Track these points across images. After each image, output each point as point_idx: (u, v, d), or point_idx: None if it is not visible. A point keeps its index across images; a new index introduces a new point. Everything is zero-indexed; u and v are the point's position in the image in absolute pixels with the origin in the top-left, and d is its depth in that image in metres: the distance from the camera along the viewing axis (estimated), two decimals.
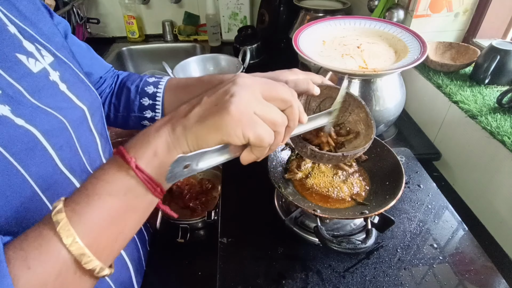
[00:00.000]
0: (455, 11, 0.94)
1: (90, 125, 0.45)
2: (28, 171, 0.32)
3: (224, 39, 1.64)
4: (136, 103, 0.59)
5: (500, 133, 0.67)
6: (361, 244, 0.48)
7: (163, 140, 0.29)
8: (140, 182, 0.29)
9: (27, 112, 0.33)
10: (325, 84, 0.53)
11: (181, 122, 0.29)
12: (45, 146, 0.35)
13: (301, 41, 0.77)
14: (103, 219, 0.27)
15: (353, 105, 0.55)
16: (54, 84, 0.39)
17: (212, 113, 0.29)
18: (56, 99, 0.38)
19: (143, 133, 0.30)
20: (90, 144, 0.45)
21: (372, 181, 0.63)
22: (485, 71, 0.81)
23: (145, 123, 0.61)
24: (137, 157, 0.28)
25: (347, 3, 1.31)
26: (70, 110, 0.40)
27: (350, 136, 0.56)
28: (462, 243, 0.58)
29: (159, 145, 0.29)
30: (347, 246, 0.47)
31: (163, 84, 0.60)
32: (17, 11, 0.39)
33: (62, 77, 0.40)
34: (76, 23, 1.43)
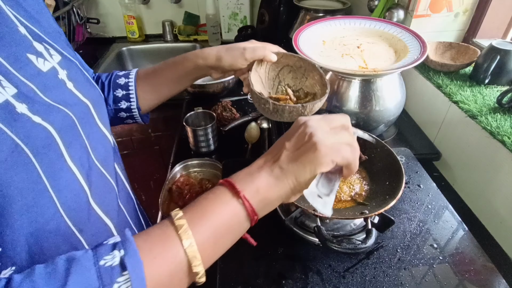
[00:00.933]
0: (455, 11, 0.94)
1: (97, 121, 0.46)
2: (42, 167, 0.33)
3: (224, 39, 1.64)
4: (110, 96, 0.61)
5: (500, 133, 0.67)
6: (361, 244, 0.48)
7: (264, 180, 0.36)
8: (244, 210, 0.34)
9: (42, 110, 0.34)
10: (281, 52, 0.58)
11: (277, 165, 0.36)
12: (58, 143, 0.35)
13: (301, 41, 0.77)
14: (212, 233, 0.33)
15: (308, 70, 0.59)
16: (62, 82, 0.40)
17: (302, 154, 0.36)
18: (65, 97, 0.39)
19: (246, 172, 0.37)
20: (99, 140, 0.45)
21: (372, 181, 0.63)
22: (485, 71, 0.81)
23: (122, 114, 0.63)
24: (244, 190, 0.34)
25: (347, 3, 1.31)
26: (77, 107, 0.41)
27: (308, 98, 0.59)
28: (462, 243, 0.58)
29: (261, 184, 0.35)
30: (347, 246, 0.47)
31: (133, 74, 0.63)
32: (24, 10, 0.40)
33: (69, 75, 0.41)
34: (76, 23, 1.43)
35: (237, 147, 0.97)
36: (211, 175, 0.87)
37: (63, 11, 1.30)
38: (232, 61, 0.57)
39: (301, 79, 0.60)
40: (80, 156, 0.39)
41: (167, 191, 0.81)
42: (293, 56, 0.59)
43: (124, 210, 0.49)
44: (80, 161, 0.38)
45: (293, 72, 0.60)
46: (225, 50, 0.58)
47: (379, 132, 0.90)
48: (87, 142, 0.41)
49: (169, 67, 0.62)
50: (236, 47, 0.57)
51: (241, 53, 0.56)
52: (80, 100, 0.42)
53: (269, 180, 0.36)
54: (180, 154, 0.95)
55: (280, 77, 0.61)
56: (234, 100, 1.17)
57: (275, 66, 0.60)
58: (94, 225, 0.40)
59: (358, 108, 0.81)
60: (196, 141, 0.92)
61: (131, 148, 1.32)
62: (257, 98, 0.52)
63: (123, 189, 0.51)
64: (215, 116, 0.94)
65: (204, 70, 0.60)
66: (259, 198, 0.35)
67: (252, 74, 0.55)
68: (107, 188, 0.45)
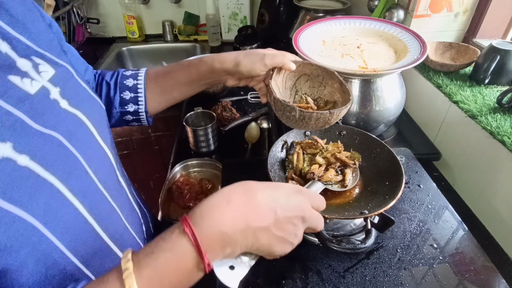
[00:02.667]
0: (455, 11, 0.94)
1: (98, 139, 0.42)
2: (33, 213, 0.29)
3: (224, 39, 1.64)
4: (116, 98, 0.57)
5: (500, 133, 0.67)
6: (361, 244, 0.48)
7: (236, 248, 0.34)
8: (203, 269, 0.32)
9: (32, 144, 0.31)
10: (298, 61, 0.57)
11: (254, 235, 0.34)
12: (50, 181, 0.32)
13: (301, 41, 0.77)
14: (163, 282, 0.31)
15: (326, 78, 0.58)
16: (54, 103, 0.36)
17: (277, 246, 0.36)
18: (58, 119, 0.35)
19: (220, 231, 0.33)
20: (101, 161, 0.42)
21: (372, 181, 0.63)
22: (485, 71, 0.81)
23: (128, 117, 0.60)
24: (212, 258, 0.32)
25: (347, 3, 1.31)
26: (73, 128, 0.37)
27: (328, 106, 0.58)
28: (462, 243, 0.58)
29: (231, 250, 0.34)
30: (347, 246, 0.47)
31: (142, 75, 0.59)
32: (9, 15, 0.35)
33: (63, 92, 0.37)
34: (76, 23, 1.43)
35: (237, 147, 0.97)
36: (211, 175, 0.87)
37: (63, 11, 1.30)
38: (251, 66, 0.54)
39: (318, 88, 0.59)
40: (81, 185, 0.36)
41: (167, 191, 0.81)
42: (310, 64, 0.57)
43: (130, 229, 0.48)
44: (81, 191, 0.35)
45: (311, 81, 0.59)
46: (244, 55, 0.55)
47: (379, 132, 0.90)
48: (87, 165, 0.38)
49: (182, 69, 0.59)
50: (255, 53, 0.55)
51: (261, 59, 0.54)
52: (77, 119, 0.38)
53: (241, 248, 0.34)
54: (180, 154, 0.94)
55: (297, 86, 0.59)
56: (234, 100, 1.17)
57: (292, 75, 0.58)
58: (101, 254, 0.39)
59: (358, 108, 0.81)
60: (196, 141, 0.92)
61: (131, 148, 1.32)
62: (282, 106, 0.51)
63: (128, 204, 0.49)
64: (215, 116, 0.94)
65: (219, 75, 0.58)
66: (222, 257, 0.34)
67: (273, 83, 0.54)
68: (111, 212, 0.43)
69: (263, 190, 0.36)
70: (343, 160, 0.59)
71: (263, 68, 0.55)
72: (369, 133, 0.66)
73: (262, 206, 0.35)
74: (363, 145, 0.66)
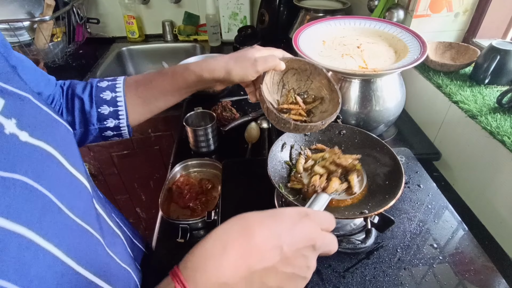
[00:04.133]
0: (455, 11, 0.94)
1: (70, 170, 0.37)
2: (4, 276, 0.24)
3: (224, 39, 1.64)
4: (93, 113, 0.52)
5: (500, 133, 0.67)
6: (361, 244, 0.48)
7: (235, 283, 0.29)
8: None
9: None
10: (286, 57, 0.58)
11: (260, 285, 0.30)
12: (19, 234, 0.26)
13: (301, 41, 0.77)
14: None
15: (314, 73, 0.59)
16: (12, 137, 0.29)
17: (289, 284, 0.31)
18: (20, 157, 0.29)
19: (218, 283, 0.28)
20: (77, 194, 0.37)
21: (372, 181, 0.63)
22: (485, 71, 0.81)
23: (108, 133, 0.55)
24: None
25: (347, 3, 1.31)
26: (38, 163, 0.31)
27: (316, 102, 0.59)
28: (462, 243, 0.58)
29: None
30: (346, 246, 0.47)
31: (120, 85, 0.54)
32: None
33: (20, 123, 0.30)
34: (76, 23, 1.43)
35: (237, 147, 0.97)
36: (211, 175, 0.87)
37: (63, 11, 1.30)
38: (243, 74, 0.52)
39: (306, 82, 0.60)
40: (56, 228, 0.31)
41: (167, 191, 0.81)
42: (298, 60, 0.58)
43: (113, 254, 0.44)
44: (56, 234, 0.30)
45: (297, 75, 0.60)
46: (234, 61, 0.52)
47: (379, 132, 0.90)
48: (61, 203, 0.33)
49: (166, 78, 0.55)
50: (246, 58, 0.52)
51: (252, 65, 0.52)
52: (43, 151, 0.32)
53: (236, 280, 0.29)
54: (180, 154, 0.94)
55: (284, 80, 0.60)
56: (234, 100, 1.17)
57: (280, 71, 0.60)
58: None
59: (358, 108, 0.81)
60: (196, 141, 0.92)
61: (131, 148, 1.32)
62: (276, 117, 0.52)
63: (108, 232, 0.45)
64: (215, 116, 0.94)
65: (208, 83, 0.55)
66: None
67: (263, 86, 0.53)
68: (92, 243, 0.38)
69: (263, 225, 0.32)
70: (345, 165, 0.58)
71: (255, 74, 0.53)
72: (369, 133, 0.66)
73: (264, 245, 0.30)
74: (363, 144, 0.66)
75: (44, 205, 0.30)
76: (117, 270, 0.44)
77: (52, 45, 1.37)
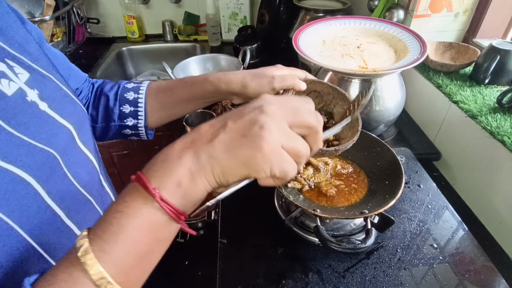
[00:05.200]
0: (455, 11, 0.94)
1: (79, 144, 0.41)
2: (15, 220, 0.29)
3: (224, 39, 1.64)
4: (116, 111, 0.56)
5: (500, 133, 0.67)
6: (361, 244, 0.48)
7: (187, 169, 0.28)
8: (165, 213, 0.27)
9: (4, 148, 0.30)
10: (309, 79, 0.55)
11: (206, 149, 0.28)
12: (29, 183, 0.31)
13: (301, 41, 0.77)
14: (133, 256, 0.27)
15: (337, 98, 0.56)
16: (33, 105, 0.34)
17: (241, 146, 0.28)
18: (36, 123, 0.34)
19: (163, 158, 0.28)
20: (82, 165, 0.41)
21: (372, 181, 0.63)
22: (485, 71, 0.81)
23: (126, 131, 0.58)
24: (161, 187, 0.27)
25: (347, 3, 1.31)
26: (53, 133, 0.36)
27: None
28: (462, 243, 0.58)
29: (183, 174, 0.28)
30: (347, 246, 0.47)
31: (144, 89, 0.57)
32: None
33: (41, 94, 0.36)
34: (76, 23, 1.43)
35: None
36: None
37: (63, 11, 1.30)
38: (259, 89, 0.52)
39: (328, 106, 0.57)
40: (60, 189, 0.35)
41: None
42: (321, 83, 0.56)
43: None
44: (59, 195, 0.34)
45: (320, 98, 0.57)
46: (252, 77, 0.53)
47: (379, 132, 0.90)
48: (67, 170, 0.37)
49: (186, 86, 0.57)
50: (264, 75, 0.53)
51: (269, 81, 0.52)
52: (59, 124, 0.37)
53: (192, 168, 0.28)
54: None
55: None
56: None
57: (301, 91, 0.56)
58: None
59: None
60: None
61: (131, 148, 1.32)
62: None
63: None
64: (215, 116, 0.94)
65: (224, 95, 0.56)
66: (182, 193, 0.28)
67: None
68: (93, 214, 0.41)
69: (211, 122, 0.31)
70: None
71: (271, 92, 0.52)
72: (369, 133, 0.66)
73: (210, 128, 0.30)
74: (363, 144, 0.66)
75: (52, 167, 0.34)
76: None
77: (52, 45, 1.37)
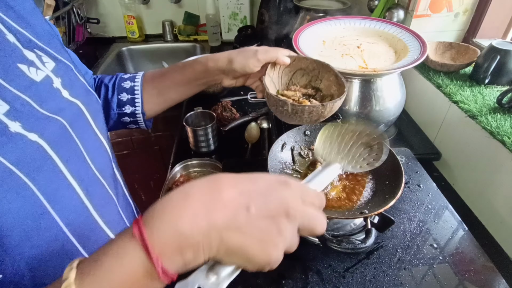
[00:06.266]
0: (455, 11, 0.94)
1: (94, 128, 0.44)
2: (40, 189, 0.31)
3: (224, 39, 1.64)
4: (114, 99, 0.59)
5: (500, 133, 0.67)
6: (361, 244, 0.48)
7: (195, 243, 0.27)
8: (158, 277, 0.26)
9: (38, 125, 0.33)
10: (293, 56, 0.57)
11: (220, 233, 0.27)
12: (55, 160, 0.34)
13: (301, 41, 0.77)
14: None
15: (322, 71, 0.58)
16: (57, 91, 0.38)
17: (254, 248, 0.28)
18: (61, 106, 0.38)
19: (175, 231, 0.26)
20: (97, 151, 0.44)
21: (372, 181, 0.63)
22: (485, 71, 0.81)
23: (125, 119, 0.61)
24: (163, 254, 0.26)
25: (347, 3, 1.31)
26: (74, 115, 0.39)
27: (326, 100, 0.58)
28: (462, 243, 0.58)
29: (189, 248, 0.27)
30: (347, 246, 0.47)
31: (139, 77, 0.61)
32: (13, 11, 0.38)
33: (63, 83, 0.39)
34: (76, 23, 1.43)
35: (237, 147, 0.97)
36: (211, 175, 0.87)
37: (63, 11, 1.30)
38: (244, 62, 0.55)
39: (315, 82, 0.59)
40: (79, 169, 0.38)
41: (167, 191, 0.81)
42: (305, 58, 0.58)
43: (124, 217, 0.48)
44: (79, 174, 0.37)
45: (306, 75, 0.59)
46: (237, 52, 0.56)
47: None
48: (85, 152, 0.40)
49: (178, 69, 0.60)
50: (248, 49, 0.56)
51: (253, 54, 0.54)
52: (76, 105, 0.40)
53: (200, 243, 0.27)
54: (180, 154, 0.94)
55: (293, 81, 0.60)
56: (234, 100, 1.17)
57: (288, 71, 0.59)
58: (97, 238, 0.40)
59: (358, 108, 0.81)
60: (196, 141, 0.92)
61: (131, 148, 1.32)
62: (274, 101, 0.51)
63: (122, 195, 0.50)
64: (215, 116, 0.94)
65: (214, 74, 0.59)
66: (181, 264, 0.27)
67: (266, 78, 0.54)
68: (107, 198, 0.44)
69: (235, 185, 0.29)
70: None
71: (256, 63, 0.55)
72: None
73: (229, 202, 0.28)
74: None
75: (73, 148, 0.38)
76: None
77: None
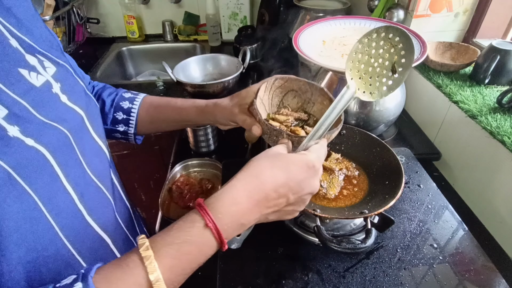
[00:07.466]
0: (455, 11, 0.94)
1: (92, 133, 0.44)
2: (37, 193, 0.32)
3: (224, 39, 1.64)
4: (109, 116, 0.59)
5: (500, 133, 0.67)
6: (361, 244, 0.48)
7: (249, 223, 0.38)
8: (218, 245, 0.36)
9: (35, 130, 0.33)
10: (284, 77, 0.54)
11: (267, 214, 0.39)
12: (52, 165, 0.34)
13: (301, 41, 0.77)
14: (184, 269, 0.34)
15: (316, 94, 0.55)
16: (56, 96, 0.38)
17: (287, 217, 0.42)
18: (59, 112, 0.38)
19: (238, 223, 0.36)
20: (95, 154, 0.44)
21: (372, 181, 0.63)
22: (485, 71, 0.81)
23: (116, 135, 0.62)
24: (227, 237, 0.36)
25: (347, 3, 1.31)
26: (72, 121, 0.40)
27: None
28: (462, 243, 0.58)
29: (243, 227, 0.37)
30: (347, 246, 0.47)
31: (138, 100, 0.61)
32: (15, 18, 0.38)
33: (62, 88, 0.40)
34: (76, 23, 1.43)
35: (237, 147, 0.97)
36: (211, 175, 0.87)
37: (63, 11, 1.30)
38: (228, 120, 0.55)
39: (307, 105, 0.56)
40: (76, 174, 0.38)
41: (167, 191, 0.81)
42: (298, 80, 0.54)
43: (121, 221, 0.49)
44: (75, 179, 0.38)
45: (298, 97, 0.56)
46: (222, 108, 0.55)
47: (379, 132, 0.90)
48: (82, 157, 0.40)
49: (175, 108, 0.60)
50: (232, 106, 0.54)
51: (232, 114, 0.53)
52: (75, 112, 0.41)
53: (251, 222, 0.38)
54: (180, 154, 0.94)
55: (284, 102, 0.56)
56: None
57: (279, 91, 0.55)
58: (92, 242, 0.40)
59: (358, 108, 0.81)
60: (196, 141, 0.92)
61: (131, 148, 1.32)
62: (268, 129, 0.47)
63: (119, 200, 0.50)
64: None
65: (207, 122, 0.61)
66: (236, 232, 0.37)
67: (257, 102, 0.49)
68: (104, 202, 0.44)
69: (276, 179, 0.38)
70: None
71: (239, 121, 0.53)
72: (369, 133, 0.66)
73: (275, 195, 0.38)
74: (363, 144, 0.67)
75: (72, 154, 0.38)
76: (123, 235, 0.48)
77: None
